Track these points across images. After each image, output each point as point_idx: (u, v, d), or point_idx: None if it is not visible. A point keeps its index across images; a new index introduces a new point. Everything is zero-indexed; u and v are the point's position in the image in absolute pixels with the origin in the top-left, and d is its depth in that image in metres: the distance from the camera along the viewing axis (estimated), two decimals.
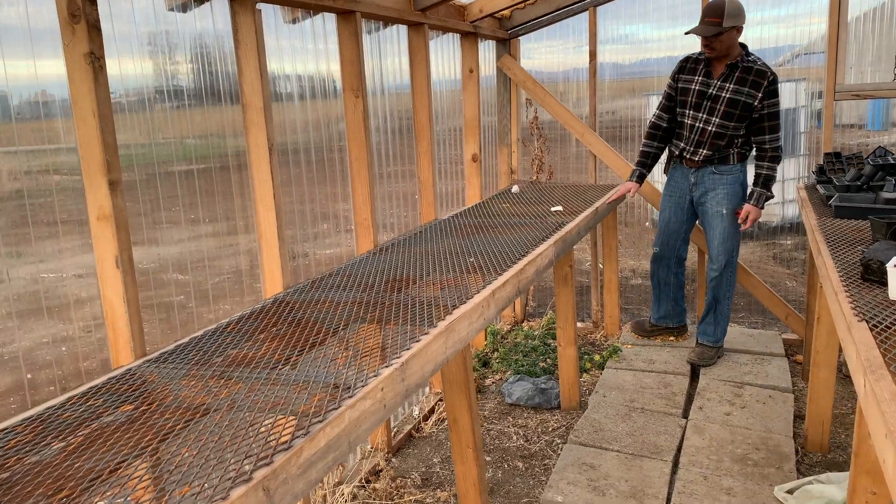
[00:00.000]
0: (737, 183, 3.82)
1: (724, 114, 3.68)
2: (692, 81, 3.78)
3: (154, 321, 2.70)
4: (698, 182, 3.88)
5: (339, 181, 3.23)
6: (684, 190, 3.96)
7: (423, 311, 2.13)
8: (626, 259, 5.73)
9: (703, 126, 3.76)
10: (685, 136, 3.86)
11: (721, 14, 3.49)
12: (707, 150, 3.78)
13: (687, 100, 3.80)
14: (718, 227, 3.84)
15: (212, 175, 2.63)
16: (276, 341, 1.99)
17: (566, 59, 4.94)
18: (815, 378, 3.15)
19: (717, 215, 3.84)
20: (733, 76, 3.64)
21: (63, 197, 2.19)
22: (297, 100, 3.01)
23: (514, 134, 5.02)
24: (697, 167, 3.86)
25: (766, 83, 3.60)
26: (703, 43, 3.62)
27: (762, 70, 3.62)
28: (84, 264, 2.14)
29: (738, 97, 3.64)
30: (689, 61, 3.84)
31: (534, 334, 4.61)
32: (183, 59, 2.44)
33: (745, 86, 3.62)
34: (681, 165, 3.96)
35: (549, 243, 2.96)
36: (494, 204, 4.06)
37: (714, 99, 3.70)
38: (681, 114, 3.87)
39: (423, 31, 3.59)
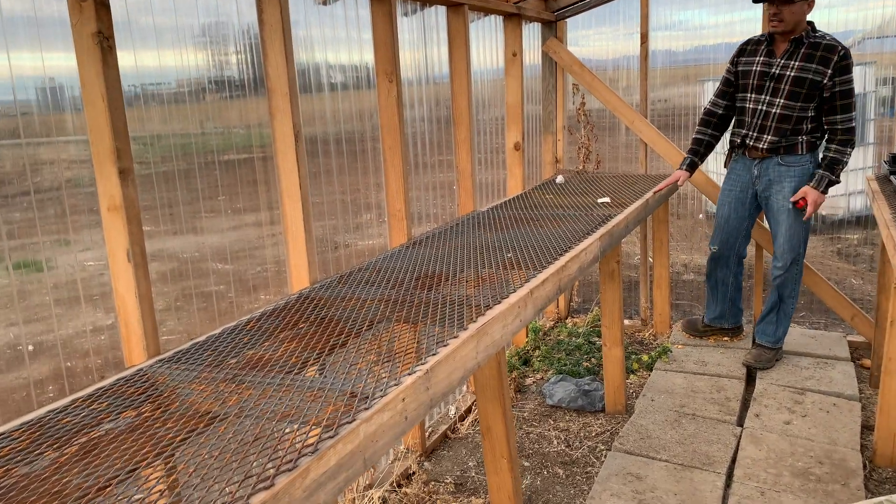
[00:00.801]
0: (805, 175, 3.50)
1: (789, 93, 3.39)
2: (753, 63, 3.52)
3: (193, 310, 2.64)
4: (762, 174, 3.59)
5: (382, 171, 3.10)
6: (746, 183, 3.67)
7: (455, 312, 1.97)
8: (678, 253, 5.47)
9: (766, 109, 3.48)
10: (747, 121, 3.57)
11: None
12: (772, 136, 3.47)
13: (748, 82, 3.53)
14: (785, 223, 3.55)
15: (253, 164, 2.54)
16: (296, 342, 1.86)
17: (616, 46, 4.70)
18: (887, 387, 2.88)
19: (783, 210, 3.54)
20: (799, 52, 3.36)
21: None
22: (340, 89, 2.89)
23: (559, 121, 4.80)
24: (761, 158, 3.56)
25: (836, 58, 3.30)
26: (771, 12, 3.33)
27: (832, 45, 3.32)
28: None
29: (804, 75, 3.35)
30: (751, 43, 3.58)
31: (578, 332, 4.41)
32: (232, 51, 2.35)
33: (813, 62, 3.33)
34: (743, 157, 3.67)
35: (595, 237, 2.76)
36: (537, 195, 3.87)
37: (778, 79, 3.42)
38: (742, 98, 3.59)
39: (463, 11, 3.41)
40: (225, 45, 2.33)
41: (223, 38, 2.32)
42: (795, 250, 3.60)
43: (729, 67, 3.67)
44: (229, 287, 2.71)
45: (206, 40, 2.28)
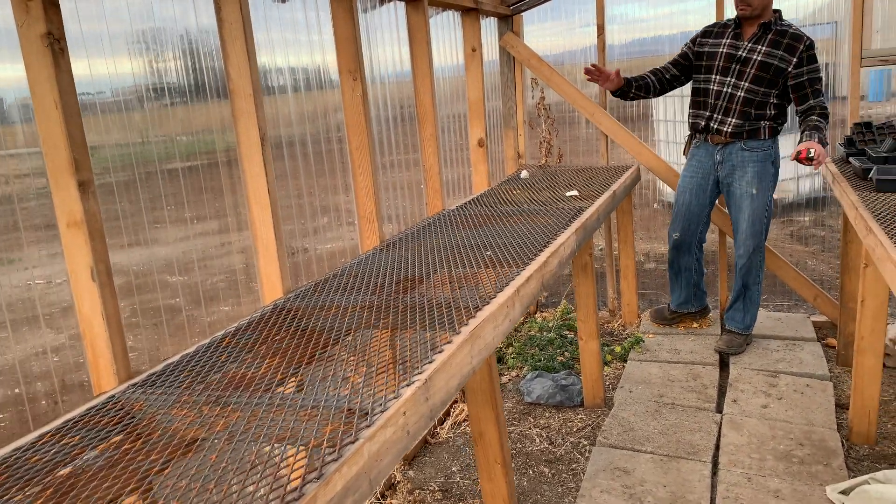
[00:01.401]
0: (768, 161, 3.52)
1: (754, 77, 3.40)
2: (719, 45, 3.51)
3: (145, 327, 2.50)
4: (724, 160, 3.58)
5: (340, 172, 3.00)
6: (708, 169, 3.66)
7: (442, 315, 1.90)
8: (638, 243, 5.50)
9: (731, 91, 3.47)
10: (711, 103, 3.55)
11: None
12: (737, 119, 3.47)
13: (714, 64, 3.51)
14: (748, 209, 3.55)
15: (200, 172, 2.42)
16: (278, 356, 1.76)
17: (571, 40, 4.69)
18: (860, 366, 2.92)
19: (747, 196, 3.54)
20: (766, 38, 3.38)
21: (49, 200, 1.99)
22: (291, 91, 2.78)
23: (520, 116, 4.77)
24: (724, 143, 3.55)
25: (802, 47, 3.33)
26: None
27: (797, 34, 3.36)
28: None
29: (770, 60, 3.37)
30: (717, 26, 3.59)
31: (549, 326, 4.39)
32: (172, 56, 2.22)
33: (779, 49, 3.35)
34: (705, 143, 3.65)
35: (571, 231, 2.73)
36: (504, 191, 3.82)
37: (744, 62, 3.42)
38: (705, 80, 3.57)
39: (423, 6, 3.33)
40: (162, 51, 2.21)
41: (160, 44, 2.19)
42: (758, 237, 3.60)
43: (689, 45, 3.64)
44: (184, 300, 2.59)
45: (143, 47, 2.15)
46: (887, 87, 5.86)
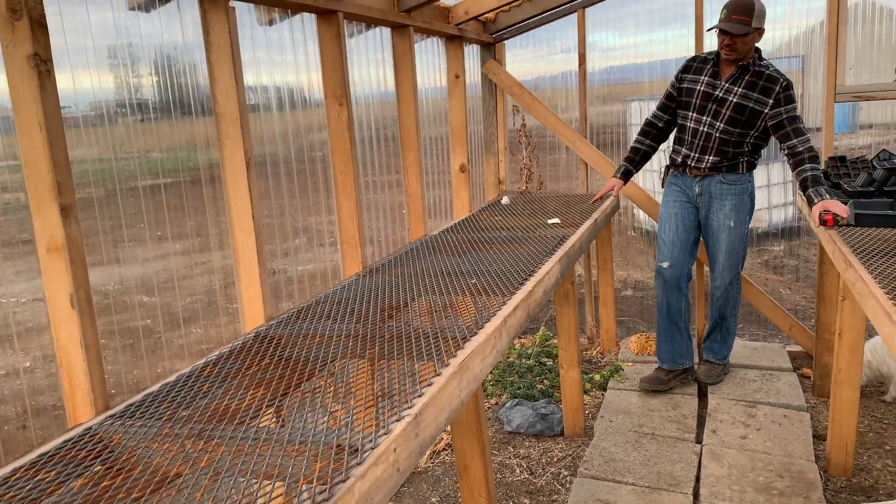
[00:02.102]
0: (745, 193, 3.53)
1: (729, 119, 3.40)
2: (698, 82, 3.50)
3: (118, 349, 2.44)
4: (703, 192, 3.57)
5: (322, 192, 2.97)
6: (689, 196, 3.64)
7: (430, 345, 1.87)
8: (615, 269, 5.54)
9: (706, 130, 3.47)
10: (688, 140, 3.56)
11: (751, 13, 3.22)
12: (714, 157, 3.48)
13: (691, 101, 3.52)
14: (725, 241, 3.55)
15: (178, 189, 2.37)
16: (262, 387, 1.72)
17: (551, 66, 4.74)
18: (838, 398, 2.95)
19: (724, 228, 3.54)
20: (742, 79, 3.38)
21: (17, 215, 1.92)
22: (276, 110, 2.76)
23: (501, 143, 4.79)
24: (703, 175, 3.56)
25: (777, 89, 3.33)
26: (725, 42, 3.29)
27: (773, 76, 3.35)
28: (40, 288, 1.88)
29: (745, 102, 3.36)
30: (697, 60, 3.57)
31: (528, 353, 4.37)
32: (148, 71, 2.18)
33: (755, 91, 3.35)
34: (683, 174, 3.64)
35: (555, 260, 2.72)
36: (486, 217, 3.82)
37: (720, 102, 3.42)
38: (683, 116, 3.57)
39: (409, 33, 3.35)
40: (138, 66, 2.17)
41: (135, 60, 2.16)
42: (735, 269, 3.61)
43: (673, 82, 3.64)
44: (156, 321, 2.53)
45: (117, 62, 2.11)
46: (853, 119, 6.03)
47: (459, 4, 3.93)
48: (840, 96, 3.98)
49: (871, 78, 4.22)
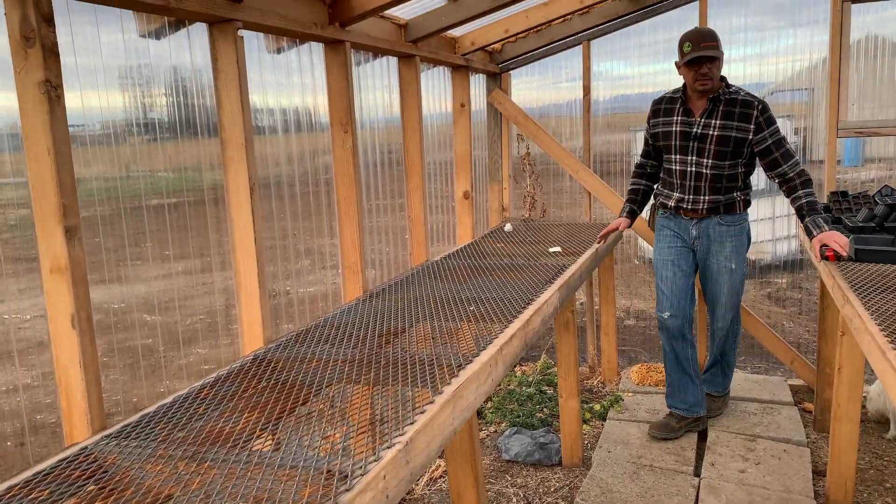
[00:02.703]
0: (744, 234, 3.45)
1: (715, 153, 3.27)
2: (671, 123, 3.37)
3: (118, 367, 2.46)
4: (702, 234, 3.42)
5: (325, 215, 3.01)
6: (685, 240, 3.48)
7: (425, 372, 1.89)
8: (618, 298, 5.54)
9: (695, 170, 3.34)
10: (678, 183, 3.41)
11: (716, 38, 3.18)
12: (710, 196, 3.35)
13: (671, 143, 3.38)
14: (727, 283, 3.45)
15: (184, 209, 2.41)
16: (257, 411, 1.73)
17: (557, 94, 4.80)
18: (837, 433, 2.93)
19: (726, 271, 3.43)
20: (717, 111, 3.25)
21: (24, 232, 1.96)
22: (281, 133, 2.80)
23: (505, 170, 4.84)
24: (700, 217, 3.41)
25: (755, 113, 3.21)
26: (702, 72, 3.17)
27: (747, 100, 3.24)
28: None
29: (727, 133, 3.24)
30: (663, 102, 3.44)
31: (528, 381, 4.37)
32: (158, 92, 2.23)
33: (734, 119, 3.23)
34: (677, 216, 3.48)
35: (554, 289, 2.74)
36: (488, 244, 3.85)
37: (701, 138, 3.29)
38: (668, 160, 3.44)
39: (415, 63, 3.41)
40: (150, 87, 2.22)
41: (148, 81, 2.21)
42: (736, 307, 3.55)
43: (647, 127, 3.53)
44: (159, 340, 2.55)
45: (130, 82, 2.17)
46: (861, 152, 6.06)
47: (466, 35, 4.00)
48: (842, 132, 4.01)
49: (874, 112, 4.25)
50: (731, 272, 3.44)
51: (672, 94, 3.43)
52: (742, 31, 4.23)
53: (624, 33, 4.40)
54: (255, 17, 2.24)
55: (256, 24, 2.30)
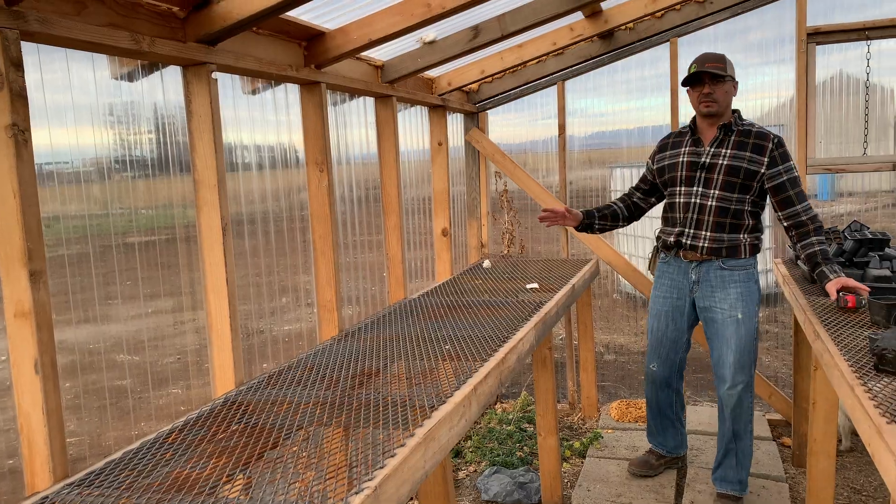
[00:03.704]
0: (751, 280, 3.10)
1: (723, 184, 3.03)
2: (679, 154, 3.18)
3: (96, 409, 2.41)
4: (701, 279, 3.13)
5: (301, 252, 3.00)
6: (683, 288, 3.21)
7: (397, 413, 1.87)
8: (598, 333, 5.54)
9: (699, 201, 3.09)
10: (680, 217, 3.15)
11: (724, 61, 3.01)
12: (712, 233, 3.07)
13: (677, 175, 3.16)
14: (734, 336, 3.05)
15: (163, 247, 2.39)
16: (225, 456, 1.70)
17: (533, 131, 4.87)
18: (814, 468, 2.93)
19: (731, 322, 3.06)
20: (729, 140, 3.05)
21: None
22: (267, 168, 2.81)
23: (483, 207, 4.87)
24: (700, 260, 3.14)
25: (771, 146, 3.00)
26: (704, 92, 3.01)
27: (763, 132, 3.05)
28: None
29: (738, 163, 3.00)
30: (672, 136, 3.31)
31: (508, 419, 4.34)
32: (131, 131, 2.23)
33: (746, 150, 3.01)
34: (677, 259, 3.22)
35: (530, 326, 2.74)
36: (466, 280, 3.86)
37: (709, 168, 3.06)
38: (671, 193, 3.21)
39: (392, 103, 3.45)
40: (132, 124, 2.23)
41: (131, 118, 2.22)
42: (747, 371, 3.08)
43: (648, 164, 3.37)
44: (137, 381, 2.52)
45: (114, 119, 2.17)
46: (833, 187, 6.18)
47: (443, 76, 4.07)
48: (811, 168, 4.10)
49: (842, 149, 4.34)
50: (737, 323, 3.06)
51: (681, 128, 3.30)
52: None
53: (598, 73, 4.49)
54: (230, 59, 2.27)
55: (231, 67, 2.32)
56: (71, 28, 1.69)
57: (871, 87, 4.13)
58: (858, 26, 3.97)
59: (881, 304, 2.48)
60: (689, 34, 4.21)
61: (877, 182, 4.52)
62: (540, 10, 3.17)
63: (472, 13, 3.06)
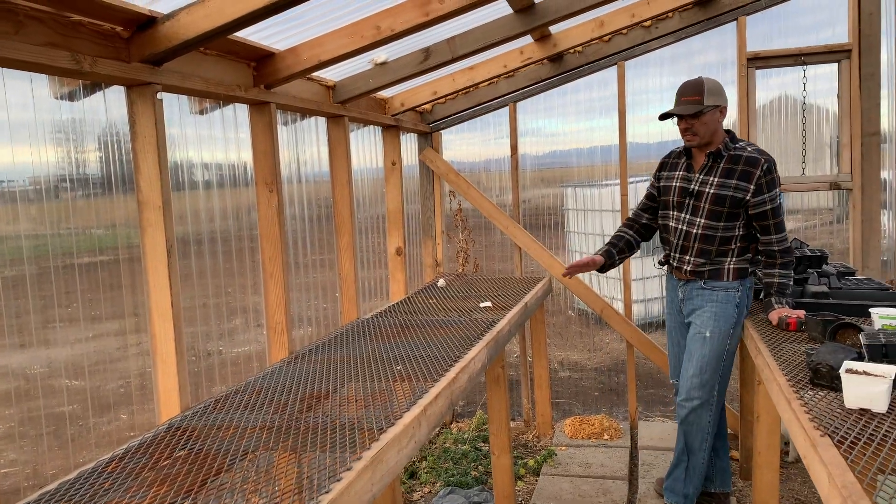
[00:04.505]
0: (731, 303, 3.07)
1: (709, 213, 3.04)
2: (673, 178, 3.18)
3: (31, 437, 2.33)
4: (686, 297, 3.20)
5: (250, 272, 2.97)
6: (676, 305, 3.31)
7: (346, 437, 1.86)
8: (553, 350, 5.60)
9: (686, 228, 3.12)
10: (671, 240, 3.22)
11: (700, 91, 2.96)
12: (696, 258, 3.11)
13: (670, 199, 3.19)
14: (697, 352, 3.09)
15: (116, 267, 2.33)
16: (166, 485, 1.66)
17: (487, 150, 4.92)
18: (759, 481, 3.00)
19: (699, 338, 3.09)
20: (717, 167, 3.03)
21: None
22: (203, 188, 2.77)
23: (438, 226, 4.89)
24: (686, 280, 3.19)
25: (759, 173, 2.96)
26: (682, 127, 3.03)
27: (753, 157, 2.99)
28: None
29: (724, 192, 3.00)
30: (671, 156, 3.27)
31: (464, 438, 4.33)
32: (77, 150, 2.19)
33: (733, 178, 2.99)
34: (671, 276, 3.32)
35: (482, 345, 2.76)
36: (421, 299, 3.86)
37: (697, 196, 3.07)
38: (664, 216, 3.25)
39: (344, 123, 3.45)
40: (73, 143, 2.18)
41: (73, 138, 2.17)
42: (707, 389, 3.10)
43: (652, 181, 3.33)
44: (79, 407, 2.44)
45: (54, 139, 2.12)
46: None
47: (396, 97, 4.09)
48: None
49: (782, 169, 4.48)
50: (703, 341, 3.08)
51: (681, 148, 3.24)
52: (658, 92, 4.45)
53: (548, 94, 4.58)
54: (176, 80, 2.24)
55: (177, 87, 2.30)
56: (6, 47, 1.65)
57: (807, 110, 4.30)
58: (795, 52, 4.14)
59: (817, 320, 2.58)
60: (636, 57, 4.32)
61: (819, 200, 4.69)
62: (490, 33, 3.22)
63: (423, 36, 3.09)
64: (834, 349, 2.12)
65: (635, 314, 5.27)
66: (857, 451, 1.60)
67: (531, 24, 3.16)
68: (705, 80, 3.00)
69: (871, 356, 2.06)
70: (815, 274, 3.32)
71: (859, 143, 4.10)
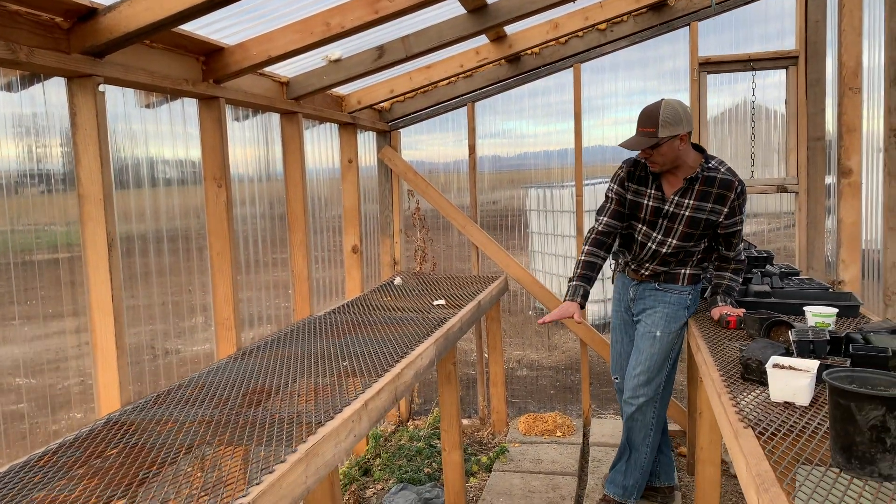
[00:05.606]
0: (681, 306, 3.14)
1: (683, 235, 3.05)
2: (644, 194, 3.10)
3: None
4: (637, 297, 3.25)
5: (208, 270, 2.95)
6: (625, 303, 3.34)
7: (283, 431, 1.87)
8: (512, 349, 5.64)
9: (655, 247, 3.12)
10: (634, 250, 3.21)
11: (655, 122, 2.86)
12: (657, 266, 3.16)
13: (640, 216, 3.13)
14: (646, 351, 3.14)
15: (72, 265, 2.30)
16: (98, 478, 1.65)
17: (447, 151, 4.95)
18: (702, 476, 3.07)
19: (648, 337, 3.15)
20: (693, 190, 3.00)
21: None
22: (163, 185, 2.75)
23: (396, 224, 4.91)
24: (640, 280, 3.25)
25: (732, 196, 2.98)
26: (642, 156, 3.00)
27: (727, 180, 2.98)
28: None
29: (699, 215, 3.01)
30: (638, 167, 3.12)
31: (419, 435, 4.35)
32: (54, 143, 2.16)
33: (709, 201, 2.99)
34: (623, 275, 3.36)
35: (430, 342, 2.78)
36: (375, 297, 3.87)
37: (671, 218, 3.05)
38: (629, 227, 3.19)
39: (297, 120, 3.45)
40: (43, 137, 2.15)
41: (42, 130, 2.14)
42: (653, 387, 3.16)
43: (617, 189, 3.15)
44: (34, 405, 2.40)
45: (22, 131, 2.10)
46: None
47: (352, 94, 4.09)
48: None
49: (746, 173, 4.60)
50: (653, 339, 3.14)
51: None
52: (613, 96, 4.54)
53: (506, 96, 4.62)
54: (119, 72, 2.23)
55: (120, 80, 2.28)
56: None
57: (757, 115, 4.41)
58: (745, 58, 4.25)
59: (755, 318, 2.65)
60: (592, 61, 4.39)
61: (781, 204, 4.81)
62: (443, 32, 3.25)
63: (377, 33, 3.11)
64: (765, 345, 2.19)
65: (595, 314, 5.36)
66: (776, 441, 1.66)
67: (484, 25, 3.19)
68: (663, 107, 2.89)
69: (799, 352, 2.13)
70: (759, 274, 3.42)
71: (805, 147, 4.22)
